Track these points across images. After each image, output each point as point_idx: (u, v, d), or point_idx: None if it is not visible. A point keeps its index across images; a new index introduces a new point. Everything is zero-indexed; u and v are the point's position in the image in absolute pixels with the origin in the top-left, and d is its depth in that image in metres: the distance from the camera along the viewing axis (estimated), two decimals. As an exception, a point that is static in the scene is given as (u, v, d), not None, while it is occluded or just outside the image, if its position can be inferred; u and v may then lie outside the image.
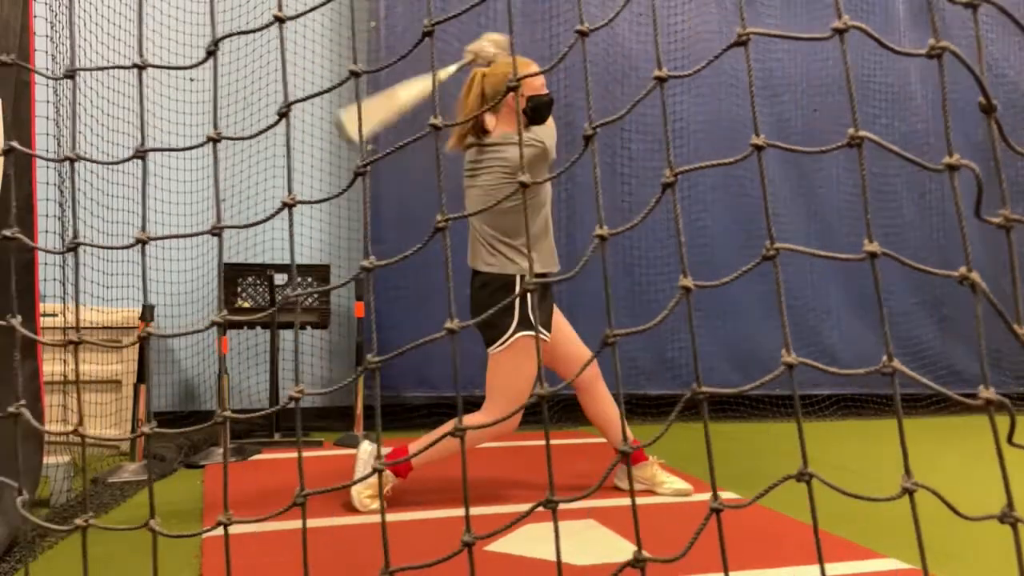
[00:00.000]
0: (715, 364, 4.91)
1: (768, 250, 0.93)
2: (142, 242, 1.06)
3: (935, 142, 5.31)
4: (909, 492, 0.86)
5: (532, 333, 2.75)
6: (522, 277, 2.76)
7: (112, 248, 1.09)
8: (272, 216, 1.13)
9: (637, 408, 4.64)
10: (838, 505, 2.77)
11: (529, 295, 2.76)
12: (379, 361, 1.00)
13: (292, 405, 1.03)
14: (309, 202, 1.03)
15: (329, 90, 1.06)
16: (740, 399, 4.95)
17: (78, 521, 1.06)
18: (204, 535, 2.34)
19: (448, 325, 1.00)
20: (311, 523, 2.60)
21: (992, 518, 0.85)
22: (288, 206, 1.03)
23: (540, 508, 1.00)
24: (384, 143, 4.05)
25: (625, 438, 1.02)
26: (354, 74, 1.01)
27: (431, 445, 1.22)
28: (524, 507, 0.92)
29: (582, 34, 0.99)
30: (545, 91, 2.86)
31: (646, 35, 4.89)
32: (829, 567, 2.25)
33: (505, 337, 2.74)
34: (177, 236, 1.10)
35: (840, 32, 0.86)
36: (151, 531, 1.04)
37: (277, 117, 1.04)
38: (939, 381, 5.15)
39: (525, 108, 2.81)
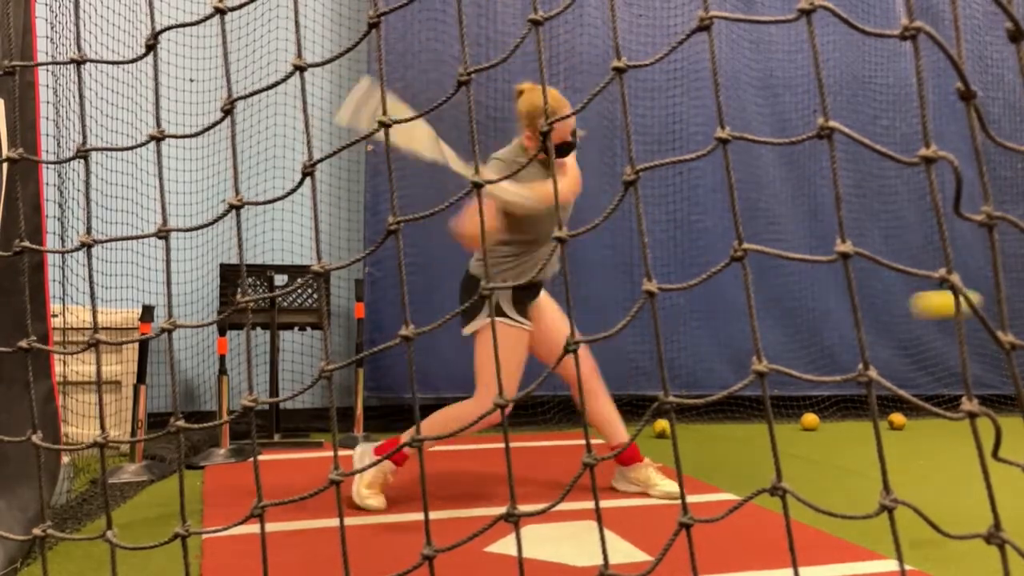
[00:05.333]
0: (715, 366, 4.91)
1: (736, 251, 0.93)
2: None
3: (937, 144, 5.31)
4: (888, 509, 0.85)
5: (503, 320, 2.83)
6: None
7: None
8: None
9: (638, 409, 4.64)
10: (839, 506, 2.77)
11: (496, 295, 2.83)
12: (333, 368, 1.01)
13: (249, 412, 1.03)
14: (257, 203, 1.03)
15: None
16: (739, 400, 4.95)
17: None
18: (204, 536, 2.34)
19: (403, 332, 1.01)
20: (314, 524, 2.60)
21: (978, 537, 0.84)
22: (236, 207, 1.04)
23: (503, 520, 1.00)
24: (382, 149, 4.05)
25: (589, 449, 1.02)
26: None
27: (444, 435, 1.21)
28: (525, 507, 0.92)
29: (535, 23, 1.00)
30: (569, 138, 2.84)
31: (646, 36, 4.89)
32: (830, 568, 2.26)
33: (473, 323, 2.84)
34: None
35: (806, 12, 0.85)
36: (108, 542, 1.05)
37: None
38: (940, 383, 5.15)
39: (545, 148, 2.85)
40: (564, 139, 2.80)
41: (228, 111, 1.06)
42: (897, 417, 4.63)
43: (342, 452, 3.80)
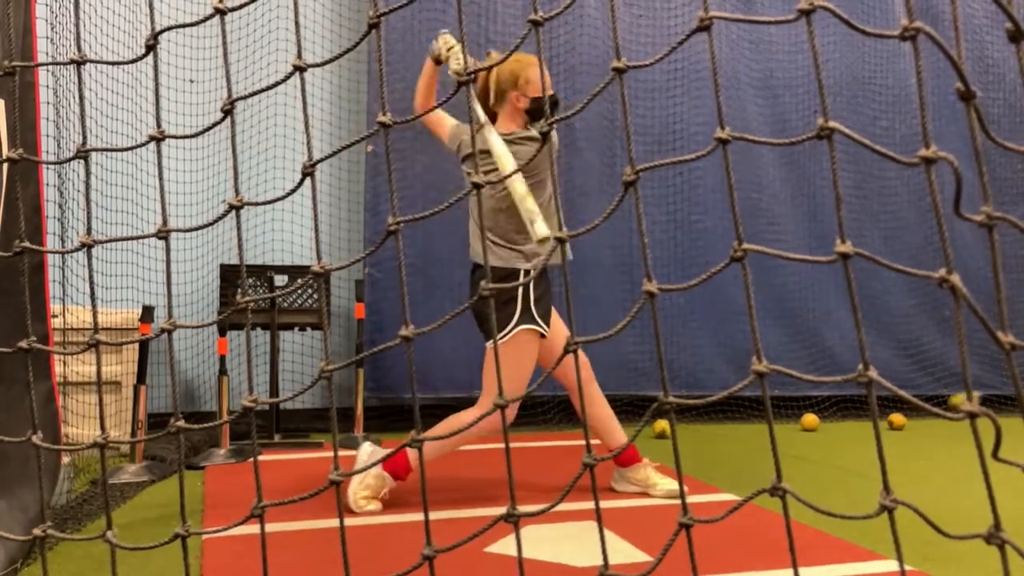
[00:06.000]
0: (715, 366, 4.91)
1: (736, 251, 0.93)
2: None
3: (937, 145, 5.31)
4: (888, 510, 0.85)
5: (532, 326, 2.76)
6: (526, 272, 2.77)
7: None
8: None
9: (637, 410, 4.64)
10: (840, 506, 2.77)
11: (532, 290, 2.77)
12: (333, 368, 1.01)
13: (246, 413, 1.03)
14: (256, 203, 1.03)
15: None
16: (739, 400, 4.95)
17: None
18: (204, 537, 2.34)
19: (403, 332, 1.01)
20: (314, 524, 2.60)
21: (978, 537, 0.84)
22: (236, 208, 1.04)
23: (503, 521, 1.00)
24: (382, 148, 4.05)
25: (589, 450, 1.02)
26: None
27: (446, 436, 1.21)
28: (525, 508, 0.93)
29: (535, 24, 1.00)
30: (551, 91, 2.83)
31: (647, 37, 4.89)
32: (830, 568, 2.26)
33: (506, 331, 2.74)
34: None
35: (806, 13, 0.85)
36: (108, 543, 1.05)
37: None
38: (939, 384, 5.15)
39: (529, 108, 2.84)
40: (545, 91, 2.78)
41: (228, 111, 1.06)
42: (897, 417, 4.63)
43: (342, 452, 3.80)
